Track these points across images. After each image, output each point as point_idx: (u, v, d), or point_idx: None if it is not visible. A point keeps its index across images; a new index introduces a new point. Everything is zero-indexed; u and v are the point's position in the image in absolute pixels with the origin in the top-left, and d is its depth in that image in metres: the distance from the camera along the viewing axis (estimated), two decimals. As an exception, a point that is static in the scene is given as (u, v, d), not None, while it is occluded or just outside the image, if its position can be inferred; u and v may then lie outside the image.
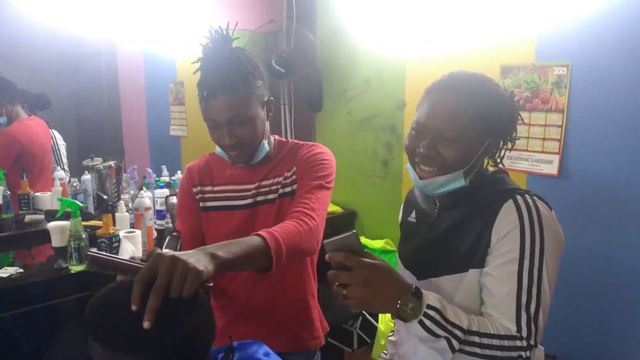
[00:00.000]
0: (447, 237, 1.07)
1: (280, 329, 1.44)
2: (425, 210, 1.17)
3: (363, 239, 2.61)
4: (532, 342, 0.94)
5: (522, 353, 0.93)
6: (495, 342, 0.93)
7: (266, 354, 1.05)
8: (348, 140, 2.93)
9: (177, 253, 0.82)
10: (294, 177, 1.36)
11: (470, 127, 1.00)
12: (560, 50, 1.99)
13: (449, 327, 0.91)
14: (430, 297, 0.92)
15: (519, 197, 0.99)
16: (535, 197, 1.01)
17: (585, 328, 2.03)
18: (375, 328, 2.39)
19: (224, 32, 1.28)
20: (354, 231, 0.92)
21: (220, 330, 1.32)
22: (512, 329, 0.94)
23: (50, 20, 2.63)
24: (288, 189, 1.37)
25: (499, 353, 0.93)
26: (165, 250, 0.87)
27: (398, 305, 0.90)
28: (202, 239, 1.44)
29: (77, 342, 1.85)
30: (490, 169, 1.13)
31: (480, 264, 1.01)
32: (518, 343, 0.93)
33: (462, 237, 1.04)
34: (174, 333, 0.81)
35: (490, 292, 0.98)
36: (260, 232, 1.05)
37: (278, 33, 2.94)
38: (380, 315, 2.37)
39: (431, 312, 0.90)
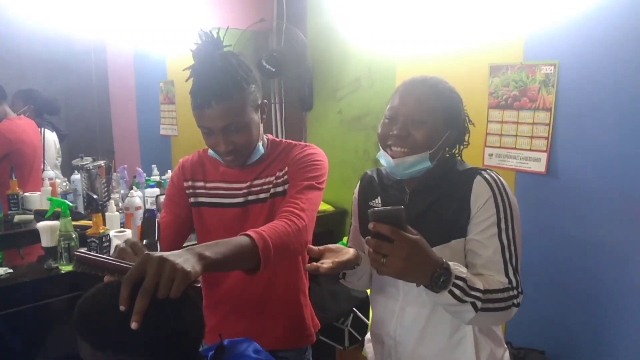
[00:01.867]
0: (425, 215, 1.19)
1: (272, 327, 1.44)
2: (394, 196, 1.27)
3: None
4: (519, 289, 1.11)
5: (515, 300, 1.09)
6: (499, 295, 1.07)
7: (256, 351, 1.06)
8: (339, 139, 2.94)
9: (165, 254, 0.82)
10: (285, 177, 1.37)
11: (436, 112, 1.15)
12: (547, 50, 2.01)
13: (473, 292, 1.03)
14: (457, 269, 1.03)
15: (484, 173, 1.16)
16: (494, 172, 1.18)
17: (573, 324, 2.06)
18: (366, 326, 2.40)
19: (215, 35, 1.27)
20: (402, 207, 0.98)
21: (211, 328, 1.33)
22: (505, 282, 1.10)
23: (39, 18, 2.62)
24: (280, 189, 1.37)
25: (502, 304, 1.07)
26: (145, 241, 0.86)
27: (432, 278, 1.00)
28: (184, 232, 1.45)
29: (67, 342, 1.84)
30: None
31: (462, 233, 1.15)
32: (511, 293, 1.09)
33: (440, 214, 1.17)
34: (162, 333, 0.82)
35: (478, 254, 1.13)
36: (249, 232, 1.05)
37: (268, 32, 2.94)
38: (371, 312, 2.38)
39: (459, 282, 1.02)
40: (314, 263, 1.11)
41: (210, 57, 1.25)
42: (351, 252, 1.17)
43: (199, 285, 0.87)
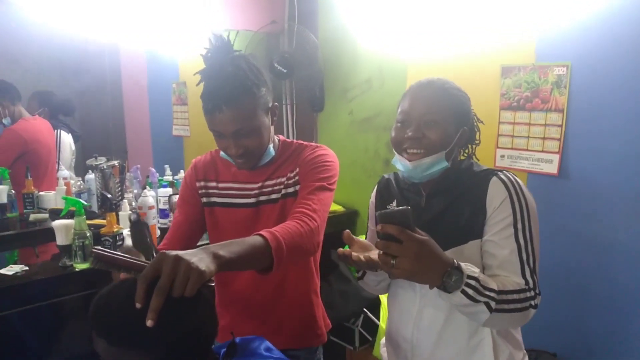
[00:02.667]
0: (442, 217, 1.19)
1: (283, 326, 1.45)
2: (411, 199, 1.27)
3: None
4: (537, 291, 1.10)
5: (532, 302, 1.08)
6: (515, 296, 1.06)
7: (268, 350, 1.07)
8: (350, 140, 2.95)
9: (180, 252, 0.83)
10: (296, 177, 1.37)
11: (447, 112, 1.16)
12: (560, 51, 2.01)
13: (486, 292, 1.02)
14: (469, 269, 1.03)
15: (500, 174, 1.16)
16: (510, 173, 1.18)
17: (585, 326, 2.04)
18: (376, 326, 2.40)
19: (226, 38, 1.28)
20: (409, 207, 0.99)
21: (223, 327, 1.34)
22: (521, 283, 1.09)
23: (53, 21, 2.66)
24: (291, 190, 1.38)
25: (519, 305, 1.07)
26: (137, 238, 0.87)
27: (443, 279, 1.00)
28: (197, 232, 1.47)
29: (81, 340, 1.86)
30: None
31: (479, 235, 1.15)
32: (528, 294, 1.08)
33: (456, 215, 1.17)
34: (177, 330, 0.83)
35: (494, 255, 1.13)
36: (262, 232, 1.06)
37: (280, 34, 2.96)
38: (382, 313, 2.38)
39: (472, 282, 1.02)
40: (346, 249, 1.11)
41: (220, 62, 1.26)
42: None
43: (212, 284, 0.88)
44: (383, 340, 1.44)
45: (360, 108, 2.86)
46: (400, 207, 1.00)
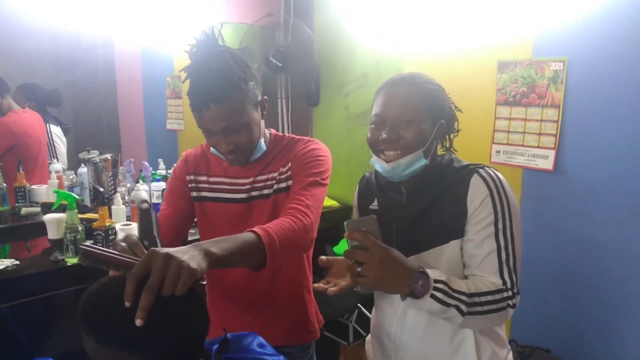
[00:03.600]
0: (423, 216, 1.17)
1: (276, 322, 1.44)
2: (391, 197, 1.25)
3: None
4: (515, 290, 1.09)
5: (510, 301, 1.07)
6: (489, 298, 1.05)
7: (260, 346, 1.05)
8: (345, 135, 2.93)
9: (171, 250, 0.81)
10: (289, 172, 1.36)
11: (421, 109, 1.14)
12: (557, 46, 2.00)
13: (456, 295, 1.02)
14: (435, 273, 1.04)
15: (481, 171, 1.13)
16: (491, 169, 1.15)
17: (578, 322, 2.04)
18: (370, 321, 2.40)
19: (210, 33, 1.25)
20: (374, 215, 1.03)
21: (215, 323, 1.32)
22: (498, 283, 1.08)
23: (46, 12, 2.63)
24: (283, 185, 1.36)
25: (494, 306, 1.06)
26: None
27: (409, 283, 1.01)
28: (185, 225, 1.45)
29: (73, 334, 1.85)
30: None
31: (460, 234, 1.13)
32: (505, 294, 1.07)
33: (437, 214, 1.15)
34: (167, 329, 0.81)
35: (473, 255, 1.11)
36: (255, 229, 1.04)
37: (276, 27, 2.94)
38: (373, 314, 2.38)
39: (439, 285, 1.02)
40: (321, 285, 1.17)
41: (206, 57, 1.23)
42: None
43: (204, 282, 0.86)
44: (369, 337, 1.44)
45: (357, 103, 2.85)
46: (367, 216, 1.04)
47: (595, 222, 1.96)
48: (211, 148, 1.35)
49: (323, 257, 1.20)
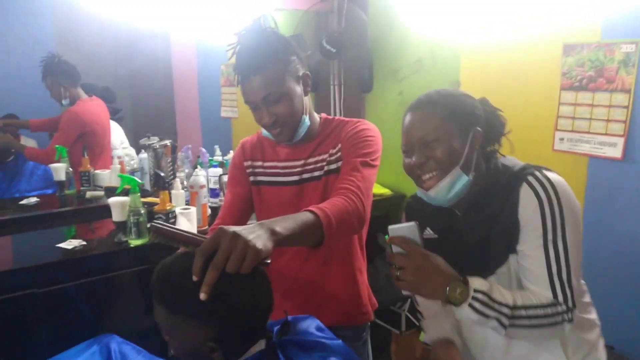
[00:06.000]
0: (484, 241, 1.12)
1: (329, 303, 1.46)
2: (446, 223, 1.21)
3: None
4: (570, 304, 1.03)
5: (565, 316, 1.02)
6: (539, 311, 1.01)
7: (319, 329, 1.07)
8: (399, 122, 2.86)
9: (238, 229, 0.83)
10: (338, 154, 1.38)
11: (444, 124, 1.09)
12: (628, 27, 1.88)
13: (497, 307, 1.00)
14: (476, 282, 1.01)
15: (530, 178, 1.06)
16: (542, 171, 1.07)
17: (646, 319, 1.94)
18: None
19: (257, 19, 1.31)
20: (415, 222, 1.03)
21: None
22: (549, 297, 1.03)
23: (106, 4, 2.72)
24: (333, 166, 1.39)
25: (545, 321, 1.01)
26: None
27: (447, 291, 1.00)
28: (247, 210, 1.51)
29: (134, 314, 1.93)
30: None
31: (515, 248, 1.08)
32: (559, 309, 1.02)
33: (498, 234, 1.10)
34: (234, 303, 0.85)
35: (525, 267, 1.07)
36: (311, 208, 1.08)
37: (329, 12, 2.91)
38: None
39: (479, 295, 1.00)
40: None
41: (248, 35, 1.30)
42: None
43: (269, 262, 0.88)
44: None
45: (411, 88, 2.79)
46: (408, 222, 1.04)
47: (667, 214, 1.85)
48: (262, 130, 1.40)
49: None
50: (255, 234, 0.84)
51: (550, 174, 1.07)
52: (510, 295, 1.02)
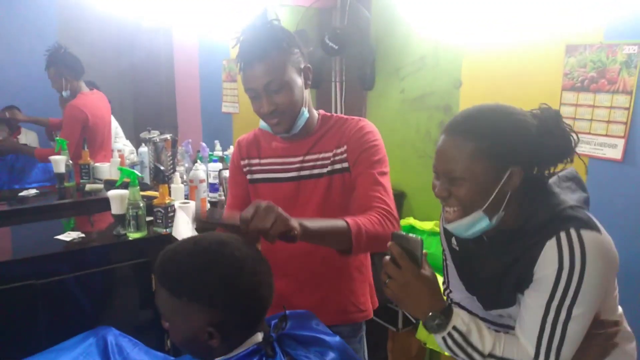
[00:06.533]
0: (505, 275, 1.06)
1: (327, 301, 1.46)
2: (471, 244, 1.14)
3: (412, 220, 2.58)
4: None
5: None
6: None
7: (317, 324, 1.07)
8: (400, 120, 2.88)
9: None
10: (344, 155, 1.38)
11: (474, 163, 0.98)
12: (631, 28, 1.87)
13: (469, 350, 0.99)
14: (458, 320, 1.00)
15: (562, 235, 0.97)
16: (581, 229, 0.97)
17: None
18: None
19: (263, 12, 1.33)
20: (421, 238, 0.99)
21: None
22: (531, 354, 0.99)
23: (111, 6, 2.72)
24: (338, 166, 1.38)
25: None
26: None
27: (426, 317, 1.00)
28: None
29: (131, 307, 1.93)
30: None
31: (523, 291, 1.04)
32: None
33: (512, 277, 1.05)
34: (237, 288, 0.88)
35: (522, 315, 1.04)
36: (345, 218, 1.17)
37: (332, 9, 2.91)
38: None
39: (455, 334, 0.99)
40: None
41: (252, 25, 1.31)
42: None
43: (295, 235, 0.99)
44: None
45: (413, 86, 2.79)
46: (414, 236, 1.00)
47: (666, 216, 1.85)
48: (260, 123, 1.40)
49: None
50: (284, 214, 0.98)
51: (587, 235, 0.97)
52: (491, 341, 1.00)
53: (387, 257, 1.01)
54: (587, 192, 1.14)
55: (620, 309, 1.20)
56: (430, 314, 1.00)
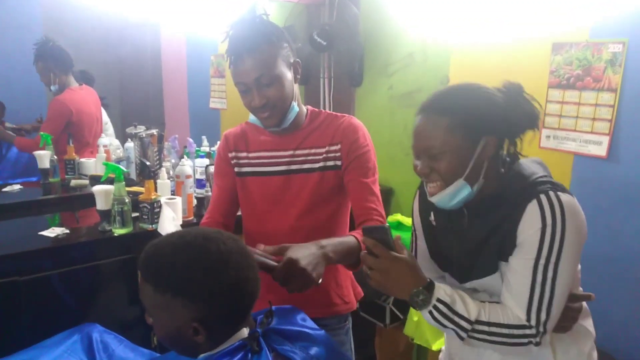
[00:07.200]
0: (484, 244, 1.11)
1: (313, 296, 1.45)
2: (451, 217, 1.18)
3: (399, 217, 2.59)
4: (541, 329, 1.02)
5: (532, 339, 1.02)
6: (504, 330, 1.02)
7: (303, 319, 1.07)
8: (388, 116, 2.89)
9: (301, 256, 1.08)
10: (339, 154, 1.40)
11: (450, 136, 1.04)
12: (616, 27, 1.89)
13: (456, 319, 1.02)
14: (440, 292, 1.04)
15: (542, 197, 1.03)
16: (557, 192, 1.03)
17: (633, 319, 1.97)
18: (408, 305, 2.38)
19: (252, 7, 1.32)
20: (387, 225, 1.09)
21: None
22: (522, 318, 1.03)
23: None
24: (331, 163, 1.40)
25: (507, 340, 1.03)
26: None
27: (411, 296, 1.04)
28: (231, 201, 1.52)
29: (117, 303, 1.91)
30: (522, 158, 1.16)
31: (507, 257, 1.08)
32: (527, 331, 1.02)
33: (498, 242, 1.09)
34: (224, 283, 0.88)
35: (509, 281, 1.06)
36: (354, 234, 1.28)
37: (321, 5, 2.90)
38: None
39: (440, 305, 1.03)
40: None
41: (241, 19, 1.31)
42: None
43: (320, 283, 1.12)
44: (442, 355, 1.43)
45: (401, 83, 2.80)
46: (381, 225, 1.11)
47: (650, 213, 1.88)
48: (250, 117, 1.41)
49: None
50: (314, 262, 1.10)
51: (564, 197, 1.03)
52: (476, 308, 1.03)
53: (364, 252, 1.07)
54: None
55: (585, 304, 1.23)
56: (413, 292, 1.03)
